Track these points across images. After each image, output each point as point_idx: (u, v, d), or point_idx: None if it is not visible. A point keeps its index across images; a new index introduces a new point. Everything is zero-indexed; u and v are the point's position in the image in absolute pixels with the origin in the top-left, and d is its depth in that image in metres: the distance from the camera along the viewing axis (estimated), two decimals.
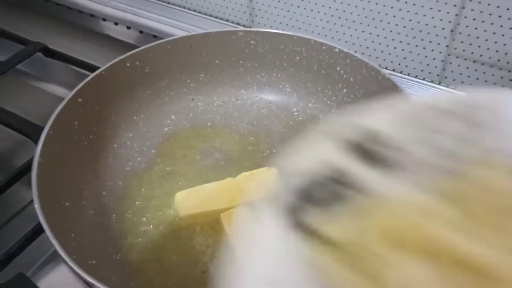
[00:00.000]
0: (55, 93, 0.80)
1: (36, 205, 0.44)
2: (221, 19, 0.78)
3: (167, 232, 0.54)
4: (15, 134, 0.64)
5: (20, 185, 0.58)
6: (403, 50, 0.66)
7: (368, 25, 0.67)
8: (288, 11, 0.72)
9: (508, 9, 0.56)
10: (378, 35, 0.67)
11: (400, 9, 0.63)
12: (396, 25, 0.65)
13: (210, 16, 0.79)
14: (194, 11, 0.81)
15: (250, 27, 0.77)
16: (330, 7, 0.68)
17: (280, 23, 0.74)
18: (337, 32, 0.70)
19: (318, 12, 0.70)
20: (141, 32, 0.84)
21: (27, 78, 0.83)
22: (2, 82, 0.76)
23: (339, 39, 0.71)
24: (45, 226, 0.42)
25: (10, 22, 0.89)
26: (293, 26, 0.74)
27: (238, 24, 0.78)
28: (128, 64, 0.61)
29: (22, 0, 0.96)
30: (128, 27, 0.85)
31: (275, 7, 0.73)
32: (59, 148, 0.52)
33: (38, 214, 0.43)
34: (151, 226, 0.55)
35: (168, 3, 0.83)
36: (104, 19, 0.87)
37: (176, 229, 0.54)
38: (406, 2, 0.62)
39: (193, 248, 0.53)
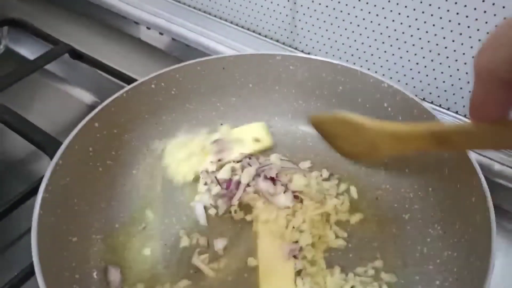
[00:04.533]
0: (81, 98, 0.76)
1: (34, 249, 0.40)
2: (260, 34, 0.72)
3: (183, 273, 0.49)
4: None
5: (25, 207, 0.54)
6: (461, 88, 0.59)
7: (424, 57, 0.59)
8: (329, 31, 0.65)
9: None
10: (434, 69, 0.59)
11: (462, 44, 0.55)
12: (456, 60, 0.57)
13: (248, 29, 0.73)
14: (231, 23, 0.75)
15: (290, 45, 0.71)
16: (373, 30, 0.61)
17: (324, 44, 0.67)
18: (387, 61, 0.63)
19: (361, 34, 0.62)
20: (173, 39, 0.79)
21: (54, 80, 0.80)
22: (28, 83, 0.73)
23: (389, 69, 0.63)
24: (39, 278, 0.38)
25: (39, 18, 0.86)
26: (331, 47, 0.67)
27: (277, 41, 0.71)
28: (153, 86, 0.56)
29: None
30: (161, 33, 0.80)
31: (319, 27, 0.66)
32: (69, 178, 0.48)
33: (34, 261, 0.39)
34: (168, 265, 0.50)
35: (204, 12, 0.77)
36: (136, 22, 0.82)
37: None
38: (470, 37, 0.54)
39: None
